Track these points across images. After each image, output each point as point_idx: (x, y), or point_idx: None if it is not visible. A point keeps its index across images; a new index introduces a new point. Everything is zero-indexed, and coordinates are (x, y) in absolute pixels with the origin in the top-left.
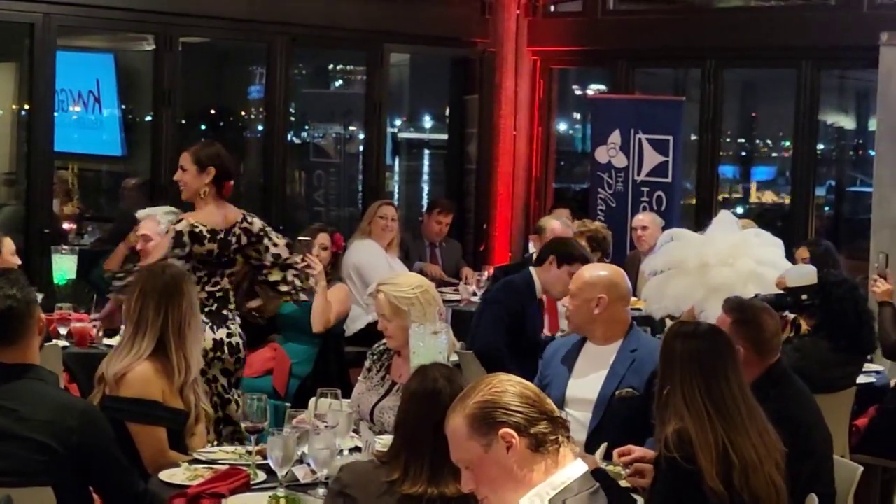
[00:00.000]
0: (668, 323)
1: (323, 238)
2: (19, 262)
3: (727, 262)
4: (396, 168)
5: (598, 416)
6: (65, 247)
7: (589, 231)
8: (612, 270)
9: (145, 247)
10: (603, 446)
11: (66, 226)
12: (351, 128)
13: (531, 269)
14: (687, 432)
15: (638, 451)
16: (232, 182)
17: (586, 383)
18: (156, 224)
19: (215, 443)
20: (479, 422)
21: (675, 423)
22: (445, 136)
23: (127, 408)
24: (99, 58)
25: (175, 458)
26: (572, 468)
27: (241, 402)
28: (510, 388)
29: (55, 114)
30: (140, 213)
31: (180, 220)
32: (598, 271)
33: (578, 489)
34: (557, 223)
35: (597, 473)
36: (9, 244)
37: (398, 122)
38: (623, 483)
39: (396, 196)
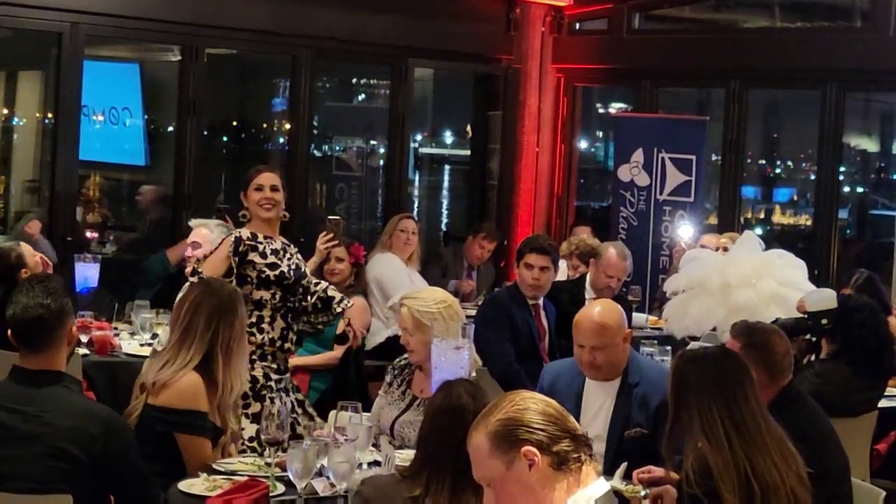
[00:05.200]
0: (691, 343)
1: (340, 251)
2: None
3: (749, 282)
4: (417, 183)
5: (611, 456)
6: (87, 255)
7: (578, 248)
8: (608, 303)
9: (194, 253)
10: (623, 466)
11: (88, 234)
12: (373, 142)
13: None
14: (706, 461)
15: (658, 471)
16: None
17: (596, 422)
18: (208, 232)
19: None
20: (501, 439)
21: (694, 451)
22: (466, 152)
23: (178, 419)
24: (125, 68)
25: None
26: (595, 487)
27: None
28: (532, 405)
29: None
30: (193, 222)
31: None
32: (607, 312)
33: None
34: (614, 251)
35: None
36: (28, 250)
37: (419, 137)
38: None
39: (416, 211)
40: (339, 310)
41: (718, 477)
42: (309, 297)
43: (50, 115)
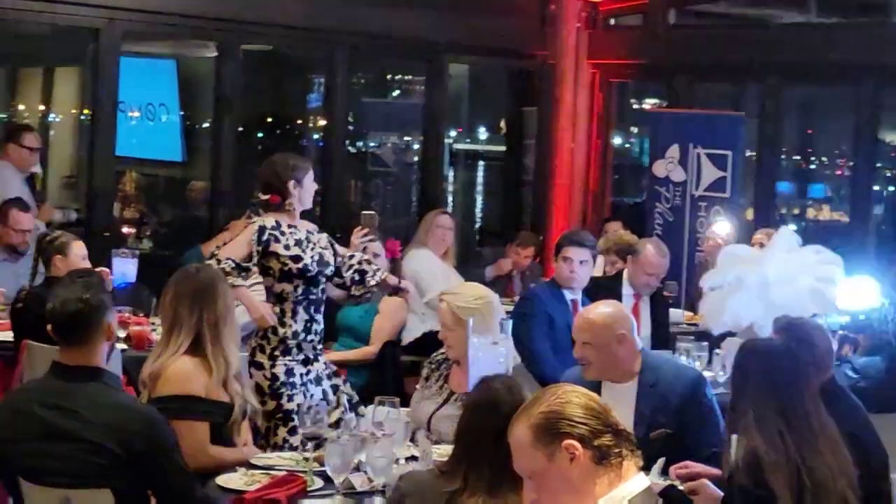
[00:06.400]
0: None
1: (375, 247)
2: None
3: (787, 278)
4: (451, 179)
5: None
6: (124, 250)
7: (616, 245)
8: (612, 304)
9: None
10: (660, 461)
11: (125, 229)
12: (407, 138)
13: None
14: (757, 454)
15: (696, 466)
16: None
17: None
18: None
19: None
20: (543, 432)
21: (746, 442)
22: (501, 148)
23: (169, 405)
24: (161, 64)
25: (216, 454)
26: (635, 482)
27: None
28: (575, 398)
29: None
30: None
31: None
32: (601, 310)
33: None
34: (652, 248)
35: (670, 489)
36: (79, 248)
37: (454, 133)
38: None
39: (451, 206)
40: (372, 283)
41: (769, 470)
42: (345, 273)
43: (87, 111)
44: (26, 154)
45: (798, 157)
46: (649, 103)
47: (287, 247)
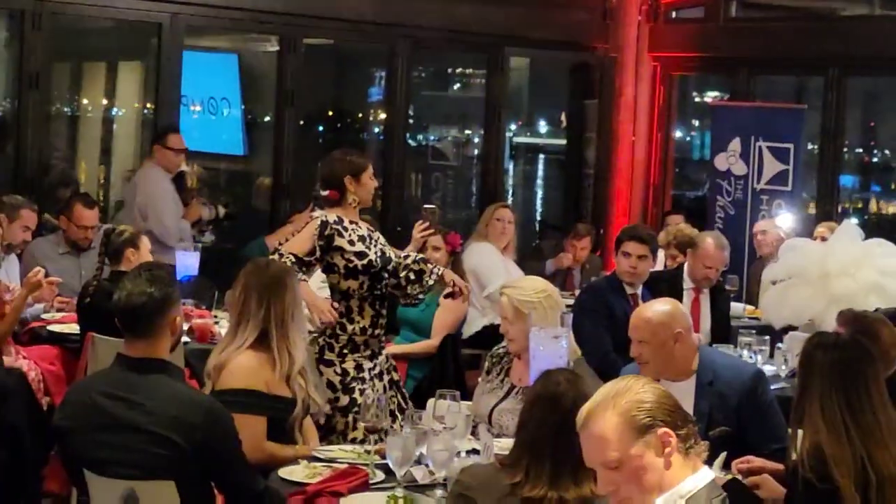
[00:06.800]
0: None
1: (435, 240)
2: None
3: (849, 272)
4: (512, 172)
5: None
6: (187, 244)
7: (676, 238)
8: (669, 301)
9: None
10: (722, 455)
11: None
12: (468, 131)
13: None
14: (822, 448)
15: (757, 461)
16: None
17: None
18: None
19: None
20: (636, 421)
21: (811, 436)
22: (562, 142)
23: (231, 399)
24: (223, 58)
25: (271, 450)
26: (701, 475)
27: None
28: (655, 389)
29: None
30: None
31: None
32: (658, 308)
33: (707, 497)
34: (711, 241)
35: (733, 483)
36: (147, 241)
37: (514, 127)
38: None
39: (511, 200)
40: (430, 281)
41: (833, 464)
42: (400, 272)
43: (150, 106)
44: (171, 155)
45: (860, 150)
46: (710, 96)
47: (351, 242)
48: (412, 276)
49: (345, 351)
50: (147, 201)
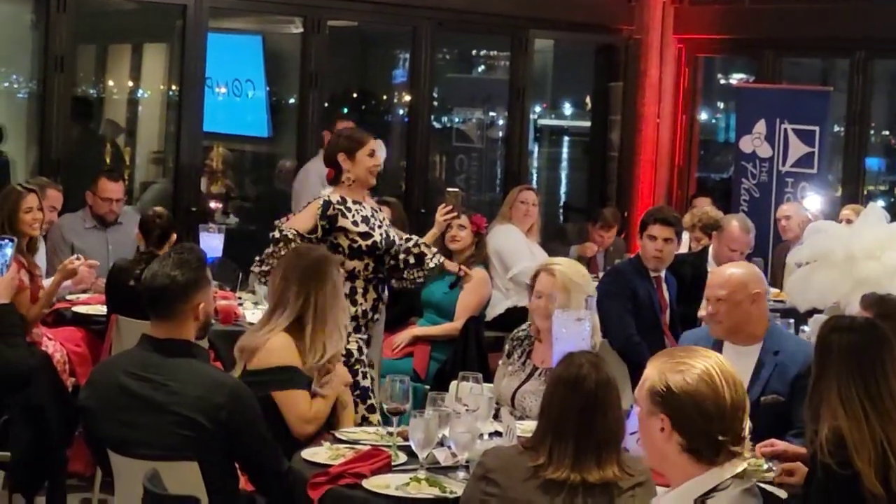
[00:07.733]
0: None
1: (461, 219)
2: None
3: (874, 255)
4: (536, 154)
5: None
6: (211, 225)
7: (700, 221)
8: (747, 265)
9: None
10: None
11: (212, 205)
12: (492, 113)
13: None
14: (841, 433)
15: (781, 444)
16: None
17: None
18: None
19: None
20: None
21: (830, 421)
22: (586, 124)
23: (270, 378)
24: (248, 40)
25: (317, 411)
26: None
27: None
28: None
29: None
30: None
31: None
32: (737, 268)
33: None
34: (736, 224)
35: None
36: None
37: (539, 109)
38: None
39: (535, 182)
40: (431, 265)
41: (853, 448)
42: (400, 255)
43: (174, 87)
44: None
45: (887, 133)
46: (736, 78)
47: (355, 223)
48: (412, 261)
49: (349, 330)
50: None
